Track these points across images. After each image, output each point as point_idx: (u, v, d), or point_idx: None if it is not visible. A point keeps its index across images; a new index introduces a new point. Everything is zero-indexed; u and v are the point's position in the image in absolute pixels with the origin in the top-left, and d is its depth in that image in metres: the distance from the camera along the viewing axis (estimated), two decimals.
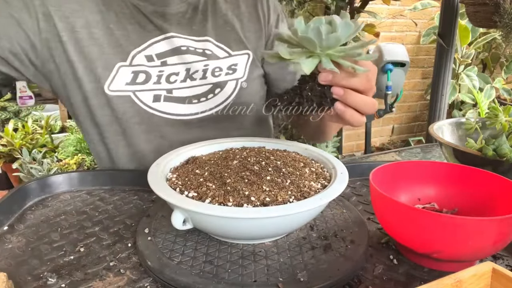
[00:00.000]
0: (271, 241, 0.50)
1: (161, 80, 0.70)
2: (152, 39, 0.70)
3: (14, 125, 2.21)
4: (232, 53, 0.76)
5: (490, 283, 0.35)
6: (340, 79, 0.47)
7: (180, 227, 0.46)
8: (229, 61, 0.75)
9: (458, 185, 0.56)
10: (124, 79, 0.68)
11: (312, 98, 0.48)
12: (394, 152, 1.03)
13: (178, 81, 0.71)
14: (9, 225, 0.56)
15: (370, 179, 0.50)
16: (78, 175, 0.68)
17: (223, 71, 0.74)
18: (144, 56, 0.69)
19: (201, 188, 0.48)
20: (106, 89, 0.68)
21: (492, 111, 0.70)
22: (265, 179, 0.50)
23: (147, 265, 0.46)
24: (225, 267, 0.45)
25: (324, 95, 0.48)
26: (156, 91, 0.70)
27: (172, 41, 0.71)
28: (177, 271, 0.44)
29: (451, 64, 2.24)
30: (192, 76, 0.71)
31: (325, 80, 0.47)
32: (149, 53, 0.69)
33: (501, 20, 1.76)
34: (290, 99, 0.48)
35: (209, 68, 0.72)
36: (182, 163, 0.57)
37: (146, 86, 0.69)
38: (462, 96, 2.85)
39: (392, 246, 0.52)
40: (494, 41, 2.89)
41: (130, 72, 0.68)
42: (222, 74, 0.74)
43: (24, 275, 0.45)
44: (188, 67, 0.71)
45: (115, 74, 0.67)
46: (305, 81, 0.50)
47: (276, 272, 0.44)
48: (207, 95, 0.73)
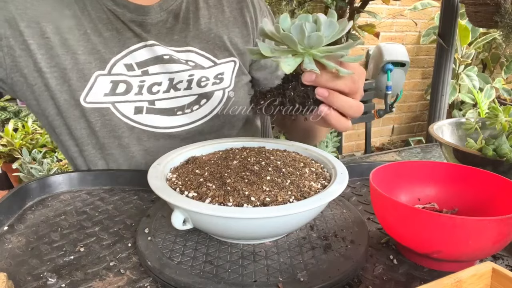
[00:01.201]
0: (271, 241, 0.50)
1: (142, 91, 0.66)
2: (131, 47, 0.65)
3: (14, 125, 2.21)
4: (218, 61, 0.72)
5: (490, 283, 0.35)
6: (324, 80, 0.45)
7: (180, 227, 0.46)
8: (215, 70, 0.71)
9: (458, 185, 0.56)
10: (102, 89, 0.63)
11: (294, 98, 0.46)
12: (394, 152, 1.03)
13: (161, 91, 0.67)
14: (9, 225, 0.56)
15: (370, 179, 0.50)
16: (78, 175, 0.68)
17: (210, 80, 0.70)
18: (124, 65, 0.65)
19: (201, 188, 0.48)
20: (82, 101, 0.63)
21: (492, 111, 0.70)
22: (265, 179, 0.50)
23: (147, 265, 0.46)
24: (225, 267, 0.45)
25: (307, 96, 0.46)
26: (138, 103, 0.66)
27: (153, 49, 0.66)
28: (177, 271, 0.44)
29: (451, 64, 2.24)
30: (176, 86, 0.68)
31: (308, 80, 0.45)
32: (128, 61, 0.65)
33: (502, 20, 1.76)
34: (272, 98, 0.47)
35: (195, 78, 0.69)
36: (182, 163, 0.57)
37: (127, 97, 0.65)
38: (462, 96, 2.85)
39: (392, 246, 0.52)
40: (494, 41, 2.89)
41: (108, 81, 0.63)
42: (209, 84, 0.70)
43: (24, 275, 0.45)
44: (172, 77, 0.67)
45: (92, 84, 0.63)
46: (288, 80, 0.48)
47: (276, 272, 0.44)
48: (192, 106, 0.70)
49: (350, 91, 0.47)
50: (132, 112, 0.66)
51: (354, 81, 0.47)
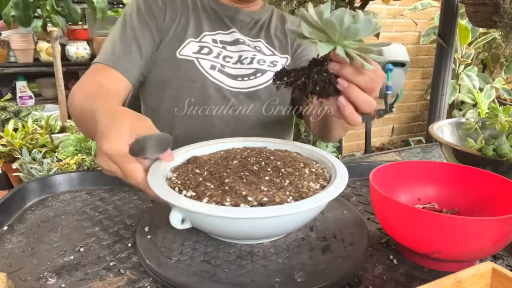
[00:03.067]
0: (269, 242, 0.50)
1: (219, 57, 0.88)
2: (220, 30, 0.91)
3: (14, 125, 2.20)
4: (276, 53, 0.94)
5: (490, 283, 0.35)
6: (348, 72, 0.49)
7: (178, 226, 0.46)
8: (272, 58, 0.93)
9: (458, 185, 0.56)
10: (192, 49, 0.87)
11: (317, 81, 0.49)
12: (394, 152, 1.03)
13: (231, 62, 0.89)
14: (9, 225, 0.56)
15: (370, 179, 0.50)
16: (78, 175, 0.68)
17: (266, 63, 0.92)
18: (211, 39, 0.89)
19: (200, 187, 0.48)
20: (177, 54, 0.86)
21: (492, 111, 0.70)
22: (264, 179, 0.50)
23: (146, 265, 0.46)
24: (223, 267, 0.45)
25: (329, 82, 0.50)
26: (214, 62, 0.87)
27: (234, 35, 0.91)
28: (176, 271, 0.44)
29: (451, 64, 2.24)
30: (242, 61, 0.90)
31: (334, 68, 0.50)
32: (215, 38, 0.90)
33: (501, 20, 1.76)
34: (296, 77, 0.50)
35: (256, 58, 0.91)
36: (183, 162, 0.57)
37: (207, 57, 0.87)
38: (462, 96, 2.84)
39: (392, 246, 0.52)
40: (494, 41, 2.88)
41: (197, 46, 0.88)
42: (265, 65, 0.91)
43: (24, 275, 0.45)
44: (241, 55, 0.90)
45: (185, 45, 0.87)
46: (315, 65, 0.51)
47: (274, 272, 0.44)
48: (249, 76, 0.91)
49: (367, 88, 0.51)
50: (208, 67, 0.87)
51: (373, 80, 0.50)
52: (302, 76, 0.50)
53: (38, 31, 2.23)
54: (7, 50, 2.66)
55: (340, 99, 0.51)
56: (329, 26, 0.46)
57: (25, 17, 1.84)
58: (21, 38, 2.59)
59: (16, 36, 2.58)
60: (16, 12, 1.81)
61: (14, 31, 2.56)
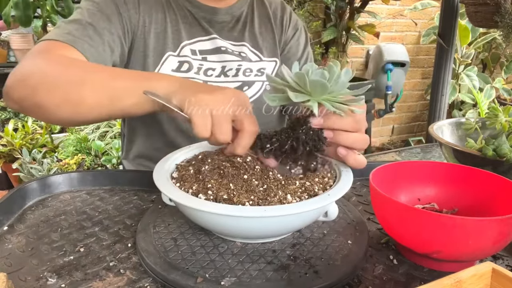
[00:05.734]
0: (270, 241, 0.50)
1: (200, 72, 0.83)
2: (199, 37, 0.84)
3: (14, 125, 2.21)
4: (263, 58, 0.89)
5: (490, 283, 0.35)
6: (331, 122, 0.51)
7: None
8: (259, 65, 0.88)
9: (458, 185, 0.56)
10: (171, 66, 0.81)
11: (307, 141, 0.49)
12: (394, 152, 1.03)
13: (214, 75, 0.83)
14: (9, 225, 0.56)
15: (370, 179, 0.50)
16: (78, 175, 0.68)
17: (253, 72, 0.87)
18: (190, 49, 0.83)
19: (200, 185, 0.48)
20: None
21: (492, 111, 0.70)
22: (267, 179, 0.50)
23: (146, 265, 0.46)
24: (223, 267, 0.45)
25: (318, 138, 0.50)
26: (195, 79, 0.81)
27: (215, 41, 0.85)
28: (176, 271, 0.44)
29: (451, 64, 2.24)
30: (226, 73, 0.85)
31: (318, 124, 0.50)
32: (194, 47, 0.83)
33: (502, 20, 1.76)
34: (281, 141, 0.50)
35: (242, 68, 0.86)
36: (189, 159, 0.57)
37: (188, 75, 0.82)
38: (462, 96, 2.84)
39: (392, 246, 0.52)
40: (494, 41, 2.88)
41: (176, 61, 0.81)
42: (251, 75, 0.86)
43: (24, 275, 0.45)
44: (224, 65, 0.84)
45: (163, 61, 0.81)
46: (295, 125, 0.51)
47: (275, 271, 0.44)
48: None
49: (353, 129, 0.52)
50: None
51: (356, 121, 0.51)
52: (288, 139, 0.49)
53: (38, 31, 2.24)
54: (7, 50, 2.66)
55: (339, 150, 0.52)
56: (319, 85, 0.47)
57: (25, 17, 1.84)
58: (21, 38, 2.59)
59: (16, 36, 2.57)
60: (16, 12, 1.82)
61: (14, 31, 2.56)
